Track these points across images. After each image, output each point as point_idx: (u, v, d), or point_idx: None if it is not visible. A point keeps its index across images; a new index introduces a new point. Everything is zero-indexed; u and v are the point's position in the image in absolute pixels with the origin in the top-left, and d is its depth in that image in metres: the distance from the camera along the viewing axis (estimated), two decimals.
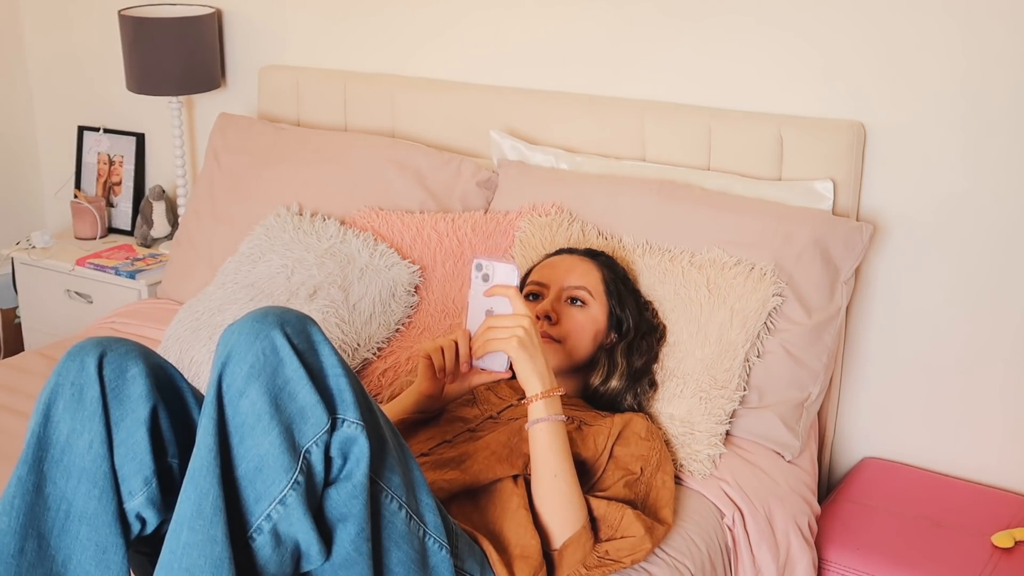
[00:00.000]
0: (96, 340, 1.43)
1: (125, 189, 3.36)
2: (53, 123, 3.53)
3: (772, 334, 2.14)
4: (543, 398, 1.65)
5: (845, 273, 2.19)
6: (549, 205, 2.37)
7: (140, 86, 2.97)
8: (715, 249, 2.19)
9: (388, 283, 2.32)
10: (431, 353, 1.76)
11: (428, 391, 1.81)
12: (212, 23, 3.00)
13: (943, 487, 2.33)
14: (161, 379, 1.45)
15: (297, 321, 1.39)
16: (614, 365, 2.00)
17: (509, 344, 1.62)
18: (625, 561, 1.71)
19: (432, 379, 1.79)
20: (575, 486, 1.68)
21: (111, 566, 1.38)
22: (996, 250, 2.26)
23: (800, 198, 2.26)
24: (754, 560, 2.01)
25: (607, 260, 2.11)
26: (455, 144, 2.68)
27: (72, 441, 1.38)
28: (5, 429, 2.13)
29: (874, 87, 2.28)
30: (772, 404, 2.14)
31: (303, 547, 1.38)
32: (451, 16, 2.74)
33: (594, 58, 2.57)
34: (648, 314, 2.11)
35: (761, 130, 2.33)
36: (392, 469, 1.46)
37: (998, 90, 2.18)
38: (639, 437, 1.84)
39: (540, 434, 1.66)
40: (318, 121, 2.87)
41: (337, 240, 2.40)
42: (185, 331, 2.31)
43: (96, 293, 3.05)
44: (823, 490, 2.45)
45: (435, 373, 1.78)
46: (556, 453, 1.66)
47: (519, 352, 1.63)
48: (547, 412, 1.65)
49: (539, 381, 1.65)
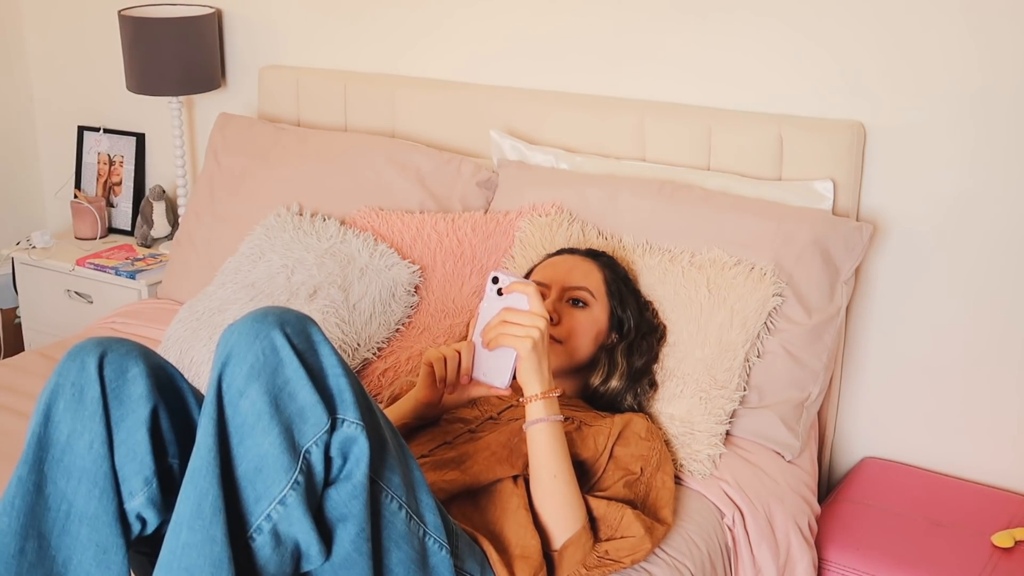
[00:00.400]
0: (96, 340, 1.42)
1: (125, 189, 3.36)
2: (53, 123, 3.53)
3: (772, 334, 2.14)
4: (541, 398, 1.65)
5: (845, 273, 2.19)
6: (549, 205, 2.37)
7: (140, 86, 2.97)
8: (715, 249, 2.19)
9: (388, 283, 2.32)
10: (434, 361, 1.75)
11: (427, 399, 1.81)
12: (212, 23, 3.00)
13: (943, 487, 2.33)
14: (162, 379, 1.44)
15: (297, 321, 1.39)
16: (614, 365, 2.00)
17: (523, 344, 1.61)
18: (625, 561, 1.71)
19: (432, 388, 1.79)
20: (574, 486, 1.68)
21: (111, 566, 1.38)
22: (996, 250, 2.26)
23: (800, 198, 2.26)
24: (754, 560, 2.01)
25: (608, 260, 2.11)
26: (455, 144, 2.68)
27: (72, 441, 1.38)
28: (5, 429, 2.13)
29: (874, 87, 2.28)
30: (772, 404, 2.14)
31: (303, 547, 1.38)
32: (451, 17, 2.74)
33: (594, 58, 2.57)
34: (649, 314, 2.11)
35: (761, 130, 2.33)
36: (392, 469, 1.46)
37: (998, 90, 2.18)
38: (639, 437, 1.84)
39: (538, 434, 1.65)
40: (318, 121, 2.87)
41: (337, 240, 2.40)
42: (185, 331, 2.31)
43: (96, 293, 3.05)
44: (823, 490, 2.45)
45: (435, 382, 1.78)
46: (554, 453, 1.66)
47: (531, 354, 1.62)
48: (545, 412, 1.65)
49: (539, 382, 1.65)
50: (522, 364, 1.64)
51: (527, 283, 1.64)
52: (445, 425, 1.88)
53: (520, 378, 1.66)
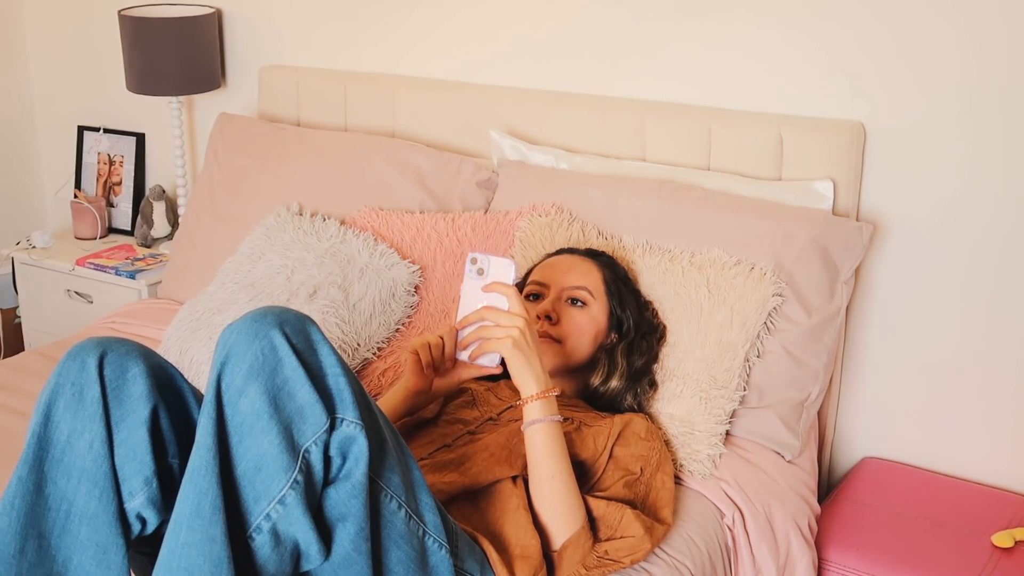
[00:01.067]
0: (96, 340, 1.43)
1: (125, 189, 3.36)
2: (53, 123, 3.53)
3: (772, 334, 2.14)
4: (539, 399, 1.65)
5: (845, 273, 2.19)
6: (549, 205, 2.37)
7: (140, 86, 2.97)
8: (715, 249, 2.19)
9: (388, 283, 2.32)
10: (419, 349, 1.76)
11: (416, 387, 1.81)
12: (212, 23, 3.00)
13: (943, 487, 2.33)
14: (162, 379, 1.44)
15: (296, 321, 1.39)
16: (614, 365, 2.00)
17: (503, 344, 1.62)
18: (624, 561, 1.71)
19: (419, 374, 1.79)
20: (573, 487, 1.68)
21: (111, 566, 1.38)
22: (996, 250, 2.26)
23: (800, 198, 2.26)
24: (754, 560, 2.01)
25: (608, 260, 2.11)
26: (455, 144, 2.68)
27: (73, 441, 1.38)
28: (5, 429, 2.13)
29: (874, 87, 2.28)
30: (772, 404, 2.14)
31: (302, 546, 1.37)
32: (452, 17, 2.74)
33: (594, 58, 2.57)
34: (648, 314, 2.11)
35: (761, 130, 2.33)
36: (391, 469, 1.46)
37: (999, 90, 2.18)
38: (639, 437, 1.84)
39: (536, 435, 1.65)
40: (318, 121, 2.87)
41: (337, 240, 2.40)
42: (185, 331, 2.31)
43: (96, 293, 3.05)
44: (823, 490, 2.45)
45: (422, 368, 1.78)
46: (553, 454, 1.66)
47: (514, 353, 1.62)
48: (543, 413, 1.65)
49: (534, 382, 1.64)
50: (511, 365, 1.64)
51: (506, 284, 1.64)
52: (445, 427, 1.88)
53: (515, 380, 1.66)
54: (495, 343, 1.63)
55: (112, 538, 1.38)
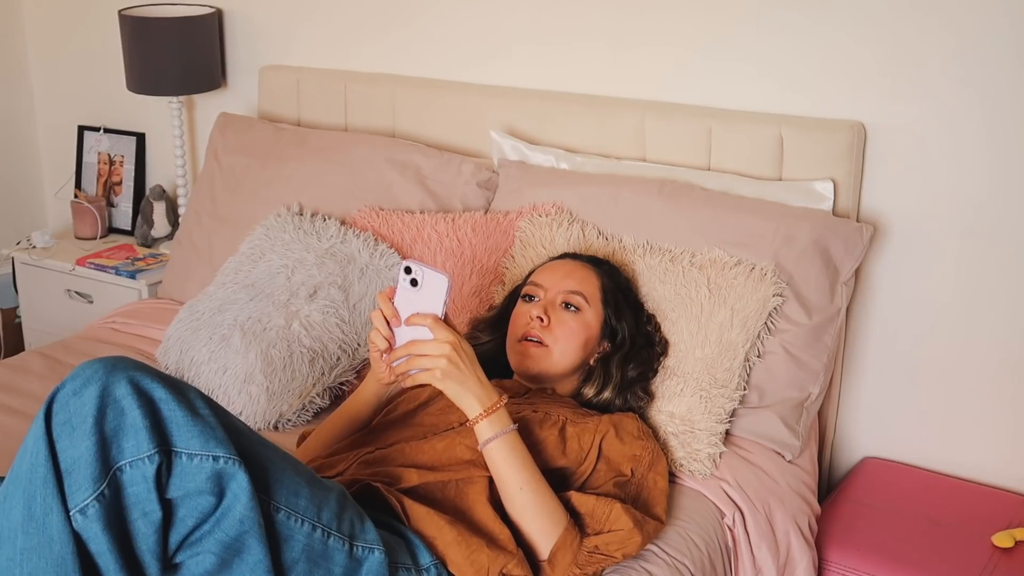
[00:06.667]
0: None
1: (125, 189, 3.36)
2: (53, 123, 3.53)
3: (772, 334, 2.14)
4: (485, 417, 1.63)
5: (845, 274, 2.19)
6: (549, 205, 2.37)
7: (140, 86, 2.97)
8: (715, 249, 2.19)
9: (388, 283, 2.32)
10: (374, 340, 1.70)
11: (385, 379, 1.76)
12: (212, 23, 3.00)
13: (943, 487, 2.33)
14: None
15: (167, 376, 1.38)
16: (608, 376, 1.98)
17: (432, 377, 1.60)
18: (616, 555, 1.70)
19: (378, 362, 1.75)
20: (545, 491, 1.67)
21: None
22: (996, 250, 2.26)
23: (800, 198, 2.26)
24: (754, 560, 2.01)
25: (610, 269, 2.10)
26: (455, 144, 2.68)
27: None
28: (5, 429, 2.12)
29: (874, 87, 2.28)
30: (772, 404, 2.14)
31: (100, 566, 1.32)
32: (452, 17, 2.74)
33: (595, 58, 2.57)
34: (648, 327, 2.09)
35: (761, 130, 2.33)
36: (295, 493, 1.45)
37: (998, 90, 2.18)
38: (632, 436, 1.84)
39: (494, 452, 1.65)
40: (318, 121, 2.87)
41: (337, 240, 2.40)
42: (185, 331, 2.31)
43: (96, 293, 3.05)
44: (823, 490, 2.45)
45: (380, 357, 1.73)
46: (515, 467, 1.65)
47: (445, 383, 1.61)
48: (494, 430, 1.64)
49: (476, 402, 1.63)
50: (447, 394, 1.62)
51: (425, 315, 1.60)
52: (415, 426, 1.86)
53: (457, 404, 1.64)
54: (424, 375, 1.61)
55: None
